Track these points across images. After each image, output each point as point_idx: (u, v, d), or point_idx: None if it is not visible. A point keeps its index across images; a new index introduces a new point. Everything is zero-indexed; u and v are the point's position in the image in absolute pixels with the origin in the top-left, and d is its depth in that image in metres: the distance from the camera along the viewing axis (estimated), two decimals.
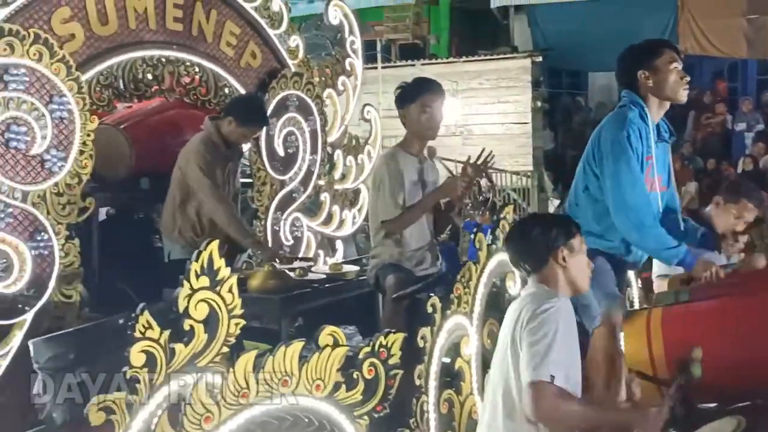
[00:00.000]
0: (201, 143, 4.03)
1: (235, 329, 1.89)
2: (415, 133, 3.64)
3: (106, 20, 3.87)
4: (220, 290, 1.87)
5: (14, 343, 3.40)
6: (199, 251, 1.86)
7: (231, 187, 4.25)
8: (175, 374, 1.80)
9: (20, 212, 3.45)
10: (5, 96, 3.35)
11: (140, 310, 1.78)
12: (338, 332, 2.08)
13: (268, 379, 1.94)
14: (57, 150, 3.55)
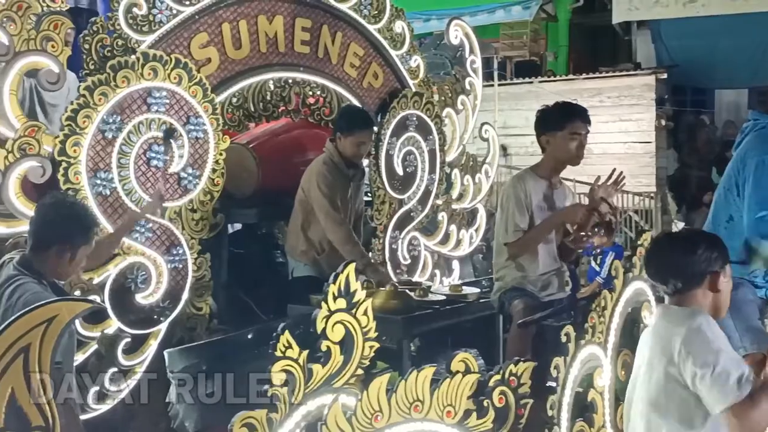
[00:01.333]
0: (322, 164, 4.13)
1: (370, 352, 1.91)
2: (559, 159, 3.58)
3: (239, 45, 4.04)
4: (355, 312, 1.89)
5: (150, 351, 3.57)
6: (337, 273, 1.89)
7: (353, 208, 4.32)
8: (313, 394, 1.82)
9: (158, 227, 3.64)
10: (148, 117, 3.56)
11: (281, 330, 1.82)
12: (470, 359, 2.06)
13: (400, 403, 1.94)
14: (192, 168, 3.73)
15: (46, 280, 2.64)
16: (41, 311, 1.58)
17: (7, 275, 2.64)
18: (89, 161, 3.40)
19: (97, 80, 3.38)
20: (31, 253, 2.70)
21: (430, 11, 11.34)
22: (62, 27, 3.37)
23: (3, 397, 1.51)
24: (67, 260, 2.69)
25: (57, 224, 2.70)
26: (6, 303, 2.53)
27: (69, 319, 1.58)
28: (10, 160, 3.17)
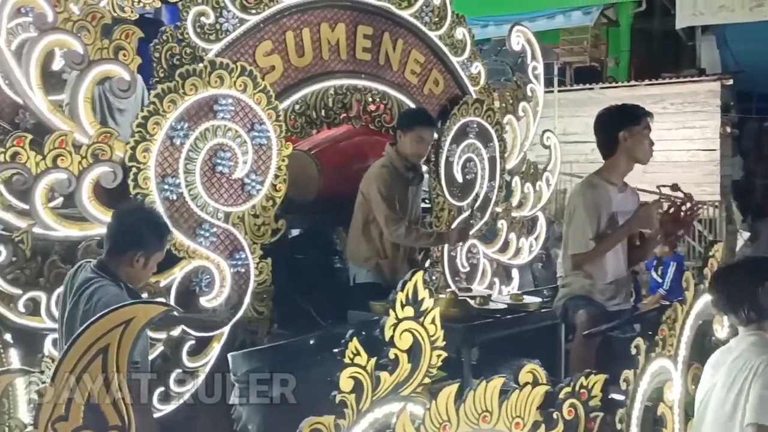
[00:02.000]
0: (382, 167, 4.14)
1: (437, 361, 1.90)
2: (634, 158, 3.54)
3: (302, 52, 4.08)
4: (423, 321, 1.89)
5: (213, 354, 3.62)
6: (405, 281, 1.88)
7: (411, 211, 4.32)
8: (380, 401, 1.82)
9: (222, 232, 3.69)
10: (214, 124, 3.62)
11: (349, 337, 1.82)
12: (538, 370, 2.03)
13: (468, 413, 1.92)
14: (256, 174, 3.78)
15: (122, 283, 2.72)
16: (119, 313, 1.61)
17: (84, 277, 2.72)
18: (158, 167, 3.47)
19: (166, 88, 3.46)
20: (107, 256, 2.78)
21: (488, 17, 11.29)
22: (133, 36, 3.46)
23: (83, 396, 1.55)
24: (141, 266, 2.76)
25: (133, 230, 2.78)
26: (85, 305, 2.61)
27: (145, 321, 1.61)
28: (83, 165, 3.27)
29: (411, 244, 4.17)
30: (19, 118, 4.25)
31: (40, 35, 3.19)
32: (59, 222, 3.29)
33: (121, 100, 4.37)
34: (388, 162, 4.19)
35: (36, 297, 3.18)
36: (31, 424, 2.58)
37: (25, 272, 3.18)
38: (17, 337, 3.20)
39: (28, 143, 3.19)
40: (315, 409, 2.16)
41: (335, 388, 1.86)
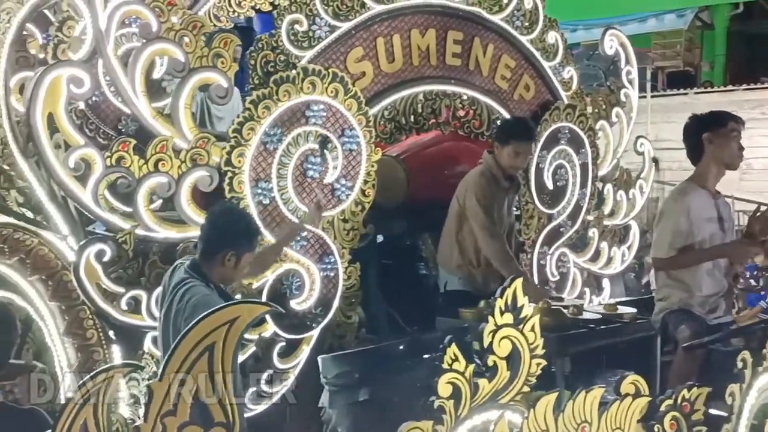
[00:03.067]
0: (480, 176, 4.11)
1: (537, 369, 1.86)
2: (722, 162, 3.47)
3: (392, 58, 4.10)
4: (522, 328, 1.85)
5: (302, 356, 3.67)
6: (504, 287, 1.86)
7: (507, 220, 4.27)
8: (478, 408, 1.80)
9: (312, 236, 3.74)
10: (306, 130, 3.68)
11: (448, 342, 1.81)
12: (640, 381, 1.97)
13: (567, 423, 1.88)
14: (345, 179, 3.82)
15: (213, 283, 2.79)
16: (224, 312, 1.65)
17: (179, 278, 2.81)
18: (251, 171, 3.55)
19: (261, 94, 3.54)
20: (200, 257, 2.86)
21: (577, 21, 11.07)
22: (231, 44, 3.56)
23: (189, 393, 1.59)
24: (233, 266, 2.83)
25: (225, 231, 2.85)
26: (178, 304, 2.70)
27: (249, 320, 1.65)
28: (182, 169, 3.37)
29: (496, 264, 4.09)
30: (122, 125, 4.43)
31: (145, 44, 3.32)
32: (159, 224, 3.41)
33: (220, 108, 4.51)
34: (486, 170, 4.16)
35: (137, 296, 3.29)
36: (131, 420, 2.67)
37: (127, 271, 3.31)
38: (119, 334, 3.32)
39: (132, 148, 3.32)
40: (404, 413, 2.15)
41: (425, 394, 1.85)
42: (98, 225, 3.64)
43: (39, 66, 3.69)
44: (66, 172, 3.24)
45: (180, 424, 1.59)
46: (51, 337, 3.31)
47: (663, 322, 3.37)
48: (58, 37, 3.94)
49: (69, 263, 3.33)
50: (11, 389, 2.67)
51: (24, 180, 3.50)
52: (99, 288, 3.25)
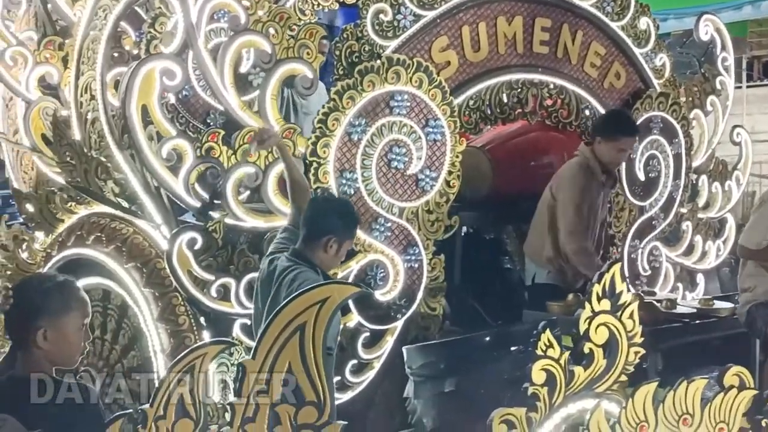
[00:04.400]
0: (578, 168, 4.00)
1: (635, 358, 1.79)
2: None
3: (478, 47, 4.04)
4: (621, 315, 1.78)
5: (386, 347, 3.66)
6: (602, 273, 1.79)
7: (600, 215, 4.15)
8: (574, 397, 1.74)
9: (396, 227, 3.73)
10: (390, 120, 3.66)
11: (542, 328, 1.76)
12: (746, 373, 1.86)
13: (667, 414, 1.79)
14: (430, 170, 3.78)
15: (319, 269, 2.85)
16: (315, 292, 1.65)
17: (283, 266, 2.89)
18: (336, 162, 3.57)
19: (345, 85, 3.54)
20: (302, 243, 2.91)
21: (668, 10, 10.67)
22: (316, 35, 3.58)
23: (281, 371, 1.60)
24: (334, 252, 2.88)
25: (327, 217, 2.90)
26: (287, 290, 2.75)
27: (340, 300, 1.64)
28: (269, 159, 3.42)
29: (575, 261, 3.97)
30: (211, 119, 4.55)
31: (233, 36, 3.38)
32: (247, 213, 3.46)
33: (305, 102, 4.56)
34: (583, 162, 4.05)
35: (227, 283, 3.36)
36: (221, 404, 2.72)
37: (217, 260, 3.38)
38: (209, 321, 3.40)
39: (221, 139, 3.39)
40: (491, 405, 2.10)
41: (512, 386, 1.81)
42: (189, 215, 3.74)
43: (132, 62, 3.82)
44: (159, 162, 3.34)
45: (272, 403, 1.60)
46: (146, 323, 3.41)
47: (749, 315, 3.20)
48: (151, 33, 4.07)
49: (162, 251, 3.43)
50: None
51: (120, 171, 3.62)
52: (190, 275, 3.33)
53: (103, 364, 3.61)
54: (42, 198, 3.88)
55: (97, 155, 3.64)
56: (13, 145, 4.30)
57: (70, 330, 1.99)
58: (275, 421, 1.60)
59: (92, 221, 3.69)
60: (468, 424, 3.09)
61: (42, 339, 1.93)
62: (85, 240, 3.64)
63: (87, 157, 3.65)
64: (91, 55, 3.76)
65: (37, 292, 1.96)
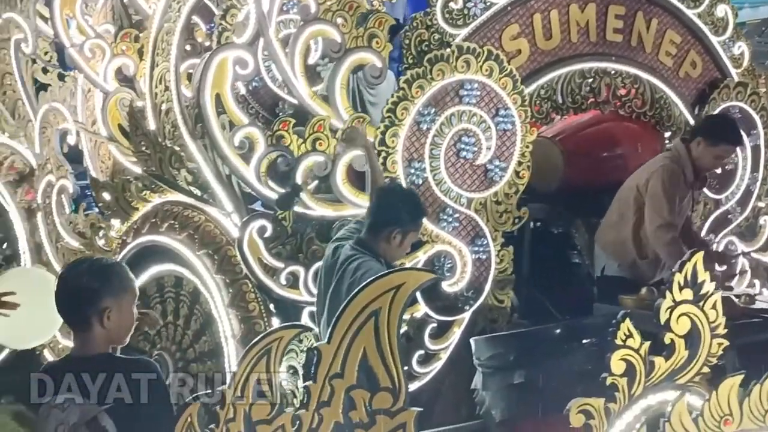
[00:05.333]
0: (669, 163, 3.90)
1: (718, 349, 1.73)
2: None
3: (549, 35, 3.97)
4: (703, 305, 1.72)
5: (453, 339, 3.64)
6: (683, 261, 1.73)
7: (684, 214, 4.03)
8: (654, 388, 1.69)
9: (464, 217, 3.70)
10: (459, 109, 3.63)
11: (621, 317, 1.71)
12: None
13: (753, 408, 1.73)
14: (499, 160, 3.74)
15: (382, 258, 2.85)
16: (390, 278, 1.65)
17: (346, 255, 2.90)
18: (405, 151, 3.56)
19: (415, 73, 3.53)
20: (366, 233, 2.92)
21: (743, 0, 10.30)
22: (385, 24, 3.57)
23: (356, 356, 1.60)
24: (398, 243, 2.88)
25: (393, 208, 2.90)
26: (350, 278, 2.77)
27: (414, 287, 1.63)
28: (338, 149, 3.43)
29: (668, 255, 3.84)
30: (279, 109, 4.60)
31: (304, 26, 3.40)
32: (316, 202, 3.49)
33: (373, 92, 4.56)
34: (675, 159, 3.94)
35: (295, 271, 3.39)
36: (290, 390, 2.75)
37: (286, 248, 3.41)
38: (279, 308, 3.44)
39: (292, 127, 3.42)
40: (562, 398, 2.05)
41: (583, 379, 1.77)
42: (259, 204, 3.79)
43: (204, 53, 3.88)
44: (231, 150, 3.39)
45: (347, 387, 1.60)
46: (217, 309, 3.47)
47: None
48: (222, 24, 4.11)
49: (233, 239, 3.48)
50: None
51: (192, 161, 3.69)
52: (260, 263, 3.38)
53: (175, 349, 3.68)
54: (118, 187, 3.98)
55: (171, 145, 3.72)
56: (91, 135, 4.43)
57: (128, 309, 2.04)
58: (350, 405, 1.61)
59: (166, 209, 3.77)
60: (537, 416, 3.05)
61: (107, 320, 1.98)
62: (158, 227, 3.73)
63: (161, 147, 3.73)
64: (166, 47, 3.84)
65: (96, 275, 2.00)
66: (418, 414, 1.65)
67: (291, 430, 1.60)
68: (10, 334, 3.54)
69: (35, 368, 4.59)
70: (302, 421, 1.60)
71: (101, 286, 1.98)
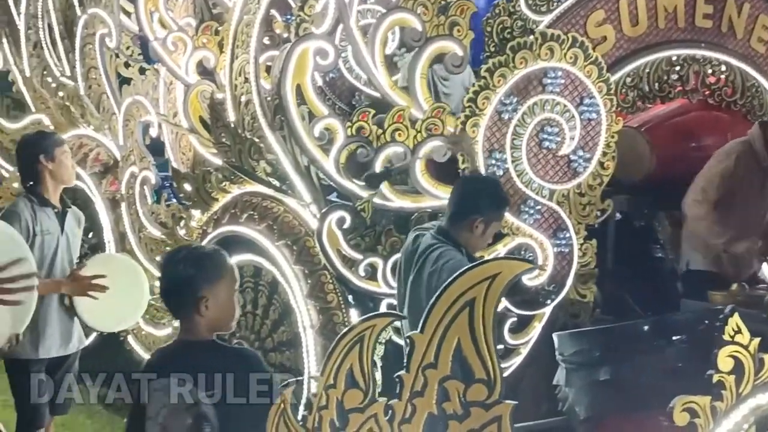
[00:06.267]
0: (740, 145, 3.74)
1: None
2: None
3: (636, 21, 3.85)
4: None
5: (534, 333, 3.56)
6: None
7: (763, 204, 3.85)
8: (764, 387, 1.59)
9: (546, 210, 3.61)
10: (542, 98, 3.54)
11: (730, 312, 1.62)
12: None
13: None
14: (583, 151, 3.63)
15: (464, 249, 2.80)
16: (485, 268, 1.60)
17: (427, 244, 2.86)
18: (485, 142, 3.49)
19: (497, 62, 3.45)
20: (448, 222, 2.87)
21: None
22: (467, 12, 3.51)
23: (450, 347, 1.56)
24: (480, 233, 2.82)
25: (475, 197, 2.85)
26: (431, 267, 2.74)
27: (511, 277, 1.58)
28: (418, 139, 3.39)
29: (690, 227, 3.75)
30: (356, 100, 4.58)
31: (385, 14, 3.37)
32: (395, 194, 3.46)
33: (446, 84, 4.51)
34: (746, 142, 3.78)
35: (374, 263, 3.37)
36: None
37: (364, 239, 3.39)
38: (357, 299, 3.43)
39: (371, 118, 3.39)
40: (650, 396, 1.96)
41: (674, 378, 1.68)
42: (334, 195, 3.79)
43: (283, 45, 3.89)
44: (311, 141, 3.39)
45: (441, 378, 1.56)
46: (295, 299, 3.48)
47: None
48: (300, 15, 4.12)
49: (311, 230, 3.48)
50: None
51: (271, 152, 3.70)
52: (339, 254, 3.37)
53: (254, 338, 3.71)
54: (199, 178, 4.04)
55: (250, 136, 3.74)
56: (172, 127, 4.50)
57: (226, 296, 2.04)
58: (444, 396, 1.57)
59: (245, 200, 3.81)
60: (625, 414, 2.95)
61: (204, 308, 1.98)
62: (238, 218, 3.76)
63: (241, 138, 3.76)
64: (245, 39, 3.86)
65: (191, 264, 2.00)
66: (514, 407, 1.59)
67: (384, 419, 1.57)
68: (97, 317, 3.65)
69: (119, 353, 4.72)
70: (395, 410, 1.57)
71: (196, 274, 1.99)
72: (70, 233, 3.73)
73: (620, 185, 4.01)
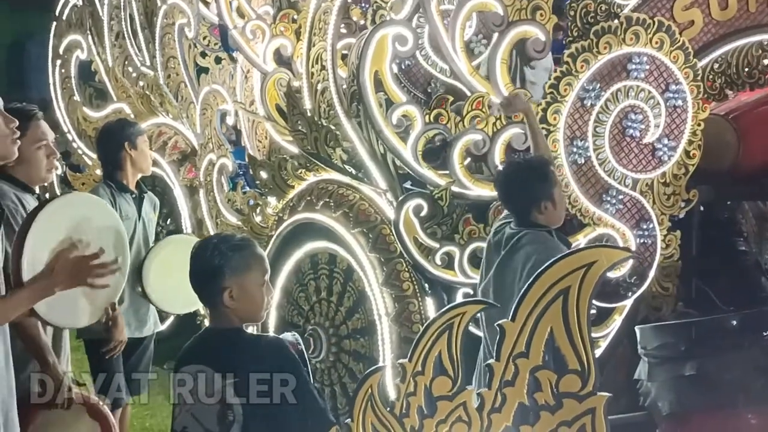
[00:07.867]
0: None
1: None
2: None
3: (725, 5, 3.71)
4: None
5: (614, 326, 3.47)
6: None
7: None
8: None
9: (629, 199, 3.51)
10: (626, 84, 3.44)
11: None
12: None
13: None
14: (668, 139, 3.52)
15: (545, 228, 2.77)
16: (581, 255, 1.55)
17: (509, 233, 2.83)
18: (567, 129, 3.42)
19: (580, 47, 3.37)
20: (518, 220, 2.88)
21: None
22: None
23: (543, 336, 1.51)
24: (552, 209, 2.81)
25: (526, 186, 2.81)
26: (518, 250, 2.71)
27: (607, 266, 1.53)
28: (497, 126, 3.34)
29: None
30: (431, 88, 4.54)
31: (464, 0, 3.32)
32: (473, 182, 3.41)
33: (534, 72, 4.41)
34: None
35: (451, 251, 3.33)
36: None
37: (441, 227, 3.36)
38: (433, 288, 3.40)
39: (449, 105, 3.35)
40: (738, 393, 1.87)
41: (764, 374, 1.59)
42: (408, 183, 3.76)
43: (359, 32, 3.88)
44: (389, 128, 3.37)
45: (533, 367, 1.52)
46: (370, 287, 3.48)
47: None
48: (377, 3, 4.11)
49: (387, 217, 3.47)
50: None
51: (347, 140, 3.70)
52: (416, 242, 3.34)
53: (329, 325, 3.73)
54: (275, 165, 4.07)
55: (326, 124, 3.75)
56: (249, 115, 4.55)
57: (253, 287, 2.01)
58: (535, 386, 1.53)
59: (321, 187, 3.81)
60: (710, 411, 2.84)
61: (229, 298, 1.97)
62: (314, 205, 3.77)
63: (317, 126, 3.77)
64: (323, 27, 3.86)
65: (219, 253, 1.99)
66: (608, 399, 1.54)
67: (473, 408, 1.54)
68: (164, 297, 3.67)
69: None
70: (484, 399, 1.54)
71: (222, 264, 1.97)
72: (146, 218, 3.80)
73: (705, 175, 3.86)
